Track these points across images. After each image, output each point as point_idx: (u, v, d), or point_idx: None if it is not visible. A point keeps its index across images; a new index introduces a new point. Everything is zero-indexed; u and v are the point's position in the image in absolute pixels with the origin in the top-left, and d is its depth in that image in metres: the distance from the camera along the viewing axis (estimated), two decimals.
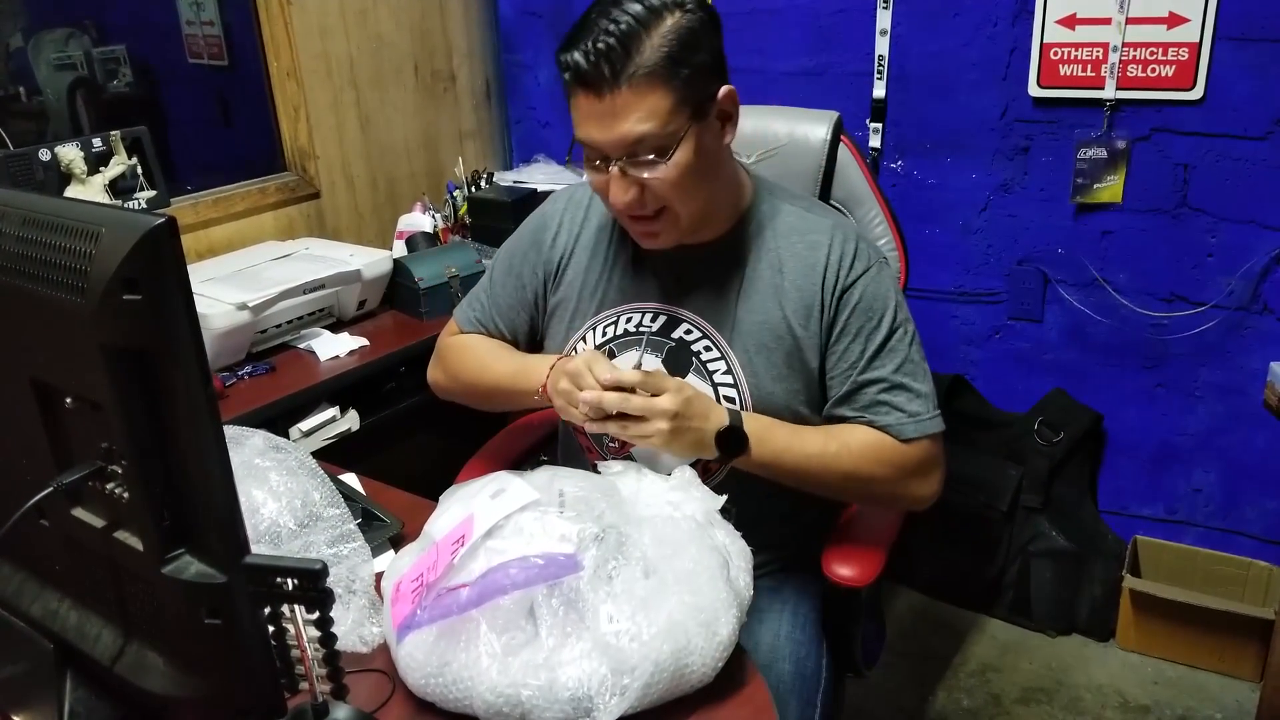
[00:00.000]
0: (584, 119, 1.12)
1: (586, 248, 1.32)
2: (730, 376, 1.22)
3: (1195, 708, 2.04)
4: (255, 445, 1.17)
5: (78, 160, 1.82)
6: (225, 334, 1.79)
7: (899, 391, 1.19)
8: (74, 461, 0.75)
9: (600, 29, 1.07)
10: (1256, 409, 2.03)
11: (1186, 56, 1.94)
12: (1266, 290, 2.03)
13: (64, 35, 2.23)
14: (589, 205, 1.33)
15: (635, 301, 1.27)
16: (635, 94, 1.07)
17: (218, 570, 0.72)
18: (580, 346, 1.29)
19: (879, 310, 1.20)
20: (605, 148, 1.11)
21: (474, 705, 0.89)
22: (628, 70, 1.07)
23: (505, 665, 0.88)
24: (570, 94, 1.12)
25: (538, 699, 0.87)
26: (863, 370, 1.19)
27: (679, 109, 1.10)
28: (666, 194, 1.13)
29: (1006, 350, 2.35)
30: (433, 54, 2.64)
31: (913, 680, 2.15)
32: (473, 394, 1.40)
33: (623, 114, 1.08)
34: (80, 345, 0.67)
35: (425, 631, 0.91)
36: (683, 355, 1.24)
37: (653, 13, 1.08)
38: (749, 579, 0.98)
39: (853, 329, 1.20)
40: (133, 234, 0.63)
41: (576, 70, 1.09)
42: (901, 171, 2.34)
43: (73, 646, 0.85)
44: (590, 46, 1.07)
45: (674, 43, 1.08)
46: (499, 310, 1.38)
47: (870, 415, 1.19)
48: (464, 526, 0.97)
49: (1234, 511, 2.20)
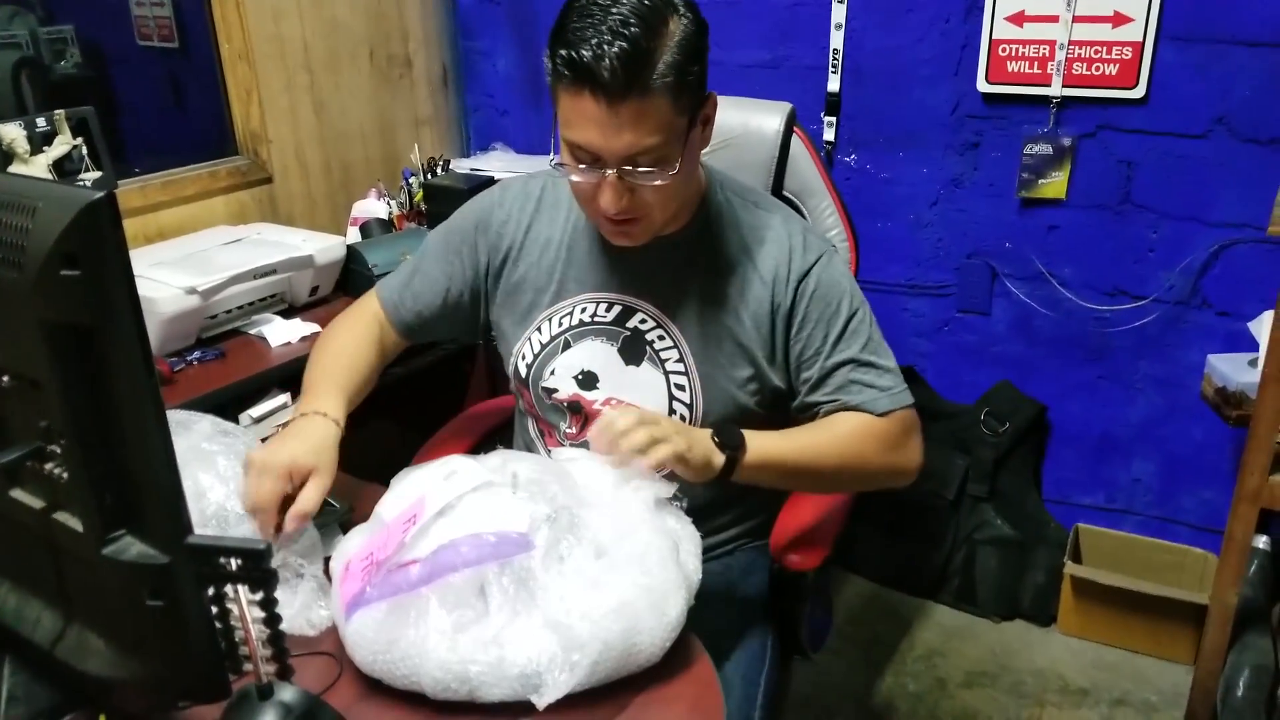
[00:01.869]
0: (584, 122, 1.06)
1: (538, 242, 1.30)
2: (682, 365, 1.23)
3: (1132, 690, 2.10)
4: (203, 430, 1.16)
5: (20, 139, 1.78)
6: (173, 318, 1.76)
7: (867, 369, 1.21)
8: (12, 441, 0.74)
9: (610, 29, 1.02)
10: (1194, 401, 2.10)
11: (1130, 55, 1.99)
12: (1205, 285, 2.08)
13: (9, 13, 2.17)
14: (539, 199, 1.32)
15: (591, 291, 1.27)
16: (646, 105, 1.04)
17: (160, 551, 0.72)
18: (534, 338, 1.28)
19: (836, 296, 1.22)
20: (606, 154, 1.07)
21: (421, 682, 0.89)
22: (643, 80, 1.02)
23: (454, 642, 0.88)
24: (565, 91, 1.06)
25: (486, 675, 0.87)
26: (829, 355, 1.20)
27: (679, 119, 1.08)
28: (655, 200, 1.12)
29: (955, 343, 2.39)
30: (388, 39, 2.62)
31: (860, 665, 2.18)
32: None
33: (633, 124, 1.04)
34: (18, 322, 0.67)
35: (374, 609, 0.92)
36: (637, 344, 1.24)
37: (659, 17, 1.04)
38: (698, 563, 1.00)
39: (813, 317, 1.21)
40: (71, 208, 0.62)
41: (585, 71, 1.02)
42: (855, 165, 2.37)
43: (12, 630, 0.84)
44: (604, 49, 1.01)
45: (680, 52, 1.05)
46: (418, 284, 1.34)
47: (844, 396, 1.20)
48: (416, 506, 0.98)
49: (1172, 501, 2.27)
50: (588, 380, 1.25)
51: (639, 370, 1.24)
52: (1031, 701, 2.07)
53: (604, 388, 1.25)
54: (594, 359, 1.25)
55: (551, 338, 1.27)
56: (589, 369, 1.25)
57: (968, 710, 2.06)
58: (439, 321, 1.35)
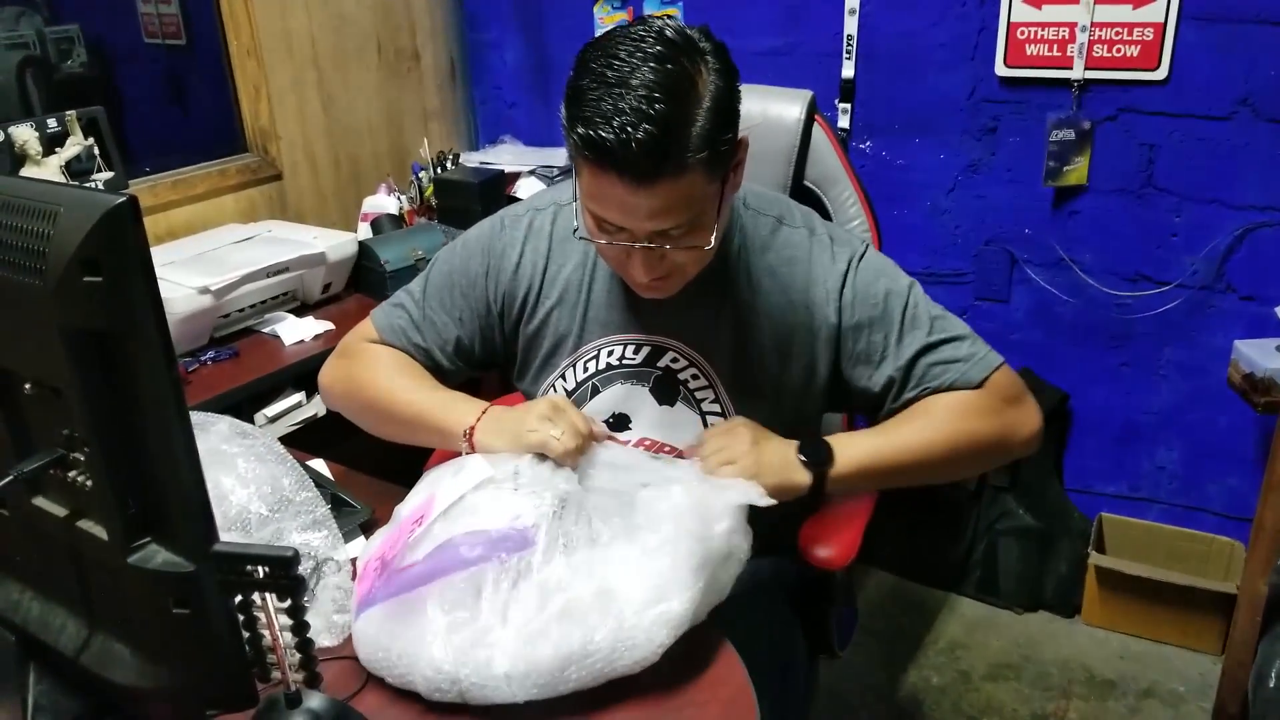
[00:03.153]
0: (607, 200, 0.99)
1: (556, 283, 1.21)
2: (718, 404, 1.18)
3: (1159, 681, 2.07)
4: (221, 431, 1.14)
5: (32, 141, 1.77)
6: (187, 318, 1.75)
7: (944, 347, 1.13)
8: (34, 449, 0.73)
9: (632, 108, 0.93)
10: (1219, 387, 2.07)
11: (1152, 36, 1.96)
12: (1230, 269, 2.06)
13: (15, 13, 2.16)
14: (551, 235, 1.22)
15: (616, 334, 1.20)
16: (678, 184, 0.97)
17: (185, 559, 0.71)
18: (559, 385, 1.22)
19: (879, 293, 1.15)
20: (635, 230, 1.01)
21: (415, 681, 0.89)
22: (672, 161, 0.95)
23: (448, 642, 0.88)
24: (588, 166, 0.98)
25: (475, 676, 0.87)
26: (898, 353, 1.13)
27: (712, 183, 1.01)
28: (688, 261, 1.06)
29: (974, 330, 2.36)
30: (396, 32, 2.60)
31: (882, 658, 2.17)
32: (374, 413, 1.23)
33: (661, 205, 0.98)
34: (39, 328, 0.65)
35: (378, 609, 0.92)
36: (669, 384, 1.18)
37: (685, 82, 0.95)
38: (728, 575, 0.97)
39: (864, 324, 1.14)
40: (92, 214, 0.60)
41: (609, 154, 0.94)
42: (870, 152, 2.34)
43: (36, 639, 0.83)
44: (628, 132, 0.92)
45: (712, 120, 0.96)
46: (430, 325, 1.24)
47: (930, 383, 1.12)
48: (425, 506, 0.98)
49: (1197, 489, 2.24)
50: (619, 423, 1.21)
51: (673, 410, 1.19)
52: (1057, 693, 2.06)
53: (637, 429, 1.20)
54: (625, 401, 1.20)
55: (578, 384, 1.21)
56: (620, 411, 1.21)
57: (992, 703, 2.04)
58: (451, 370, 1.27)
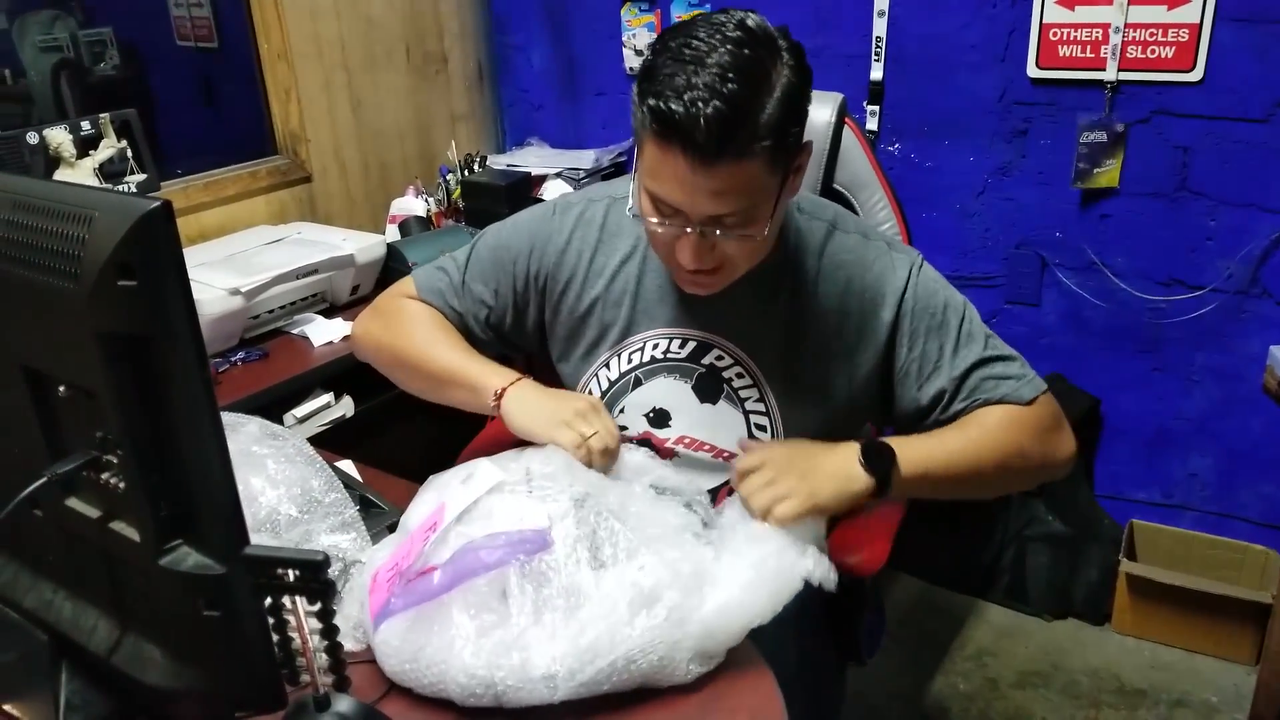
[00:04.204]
0: (667, 177, 0.99)
1: (604, 274, 1.22)
2: (763, 404, 1.17)
3: (1191, 691, 2.04)
4: (251, 432, 1.15)
5: (66, 143, 1.79)
6: (218, 320, 1.77)
7: (996, 364, 1.14)
8: (68, 451, 0.73)
9: (706, 85, 0.94)
10: (1254, 393, 2.03)
11: (1187, 37, 1.93)
12: (1265, 274, 2.02)
13: (49, 17, 2.19)
14: (602, 226, 1.23)
15: (663, 326, 1.20)
16: (740, 168, 0.97)
17: (216, 561, 0.71)
18: (603, 375, 1.23)
19: (939, 305, 1.15)
20: (690, 213, 1.01)
21: (448, 688, 0.88)
22: (738, 144, 0.95)
23: (478, 647, 0.87)
24: (653, 141, 0.99)
25: (510, 679, 0.86)
26: (953, 364, 1.14)
27: (774, 177, 1.01)
28: (738, 255, 1.06)
29: (1003, 334, 2.26)
30: (424, 36, 2.61)
31: (910, 665, 2.15)
32: (407, 367, 1.25)
33: (720, 187, 0.98)
34: (74, 332, 0.66)
35: (400, 618, 0.91)
36: (713, 382, 1.18)
37: (760, 69, 0.97)
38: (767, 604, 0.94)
39: (921, 333, 1.14)
40: (127, 218, 0.61)
41: (677, 128, 0.95)
42: (899, 154, 2.32)
43: (68, 638, 0.83)
44: (698, 107, 0.93)
45: (782, 112, 0.97)
46: (467, 292, 1.26)
47: (982, 395, 1.13)
48: (436, 514, 0.97)
49: (1230, 496, 2.21)
50: (659, 418, 1.20)
51: (715, 408, 1.18)
52: (1086, 702, 2.03)
53: (676, 425, 1.20)
54: (666, 397, 1.20)
55: (621, 375, 1.21)
56: (661, 407, 1.20)
57: (1021, 711, 2.01)
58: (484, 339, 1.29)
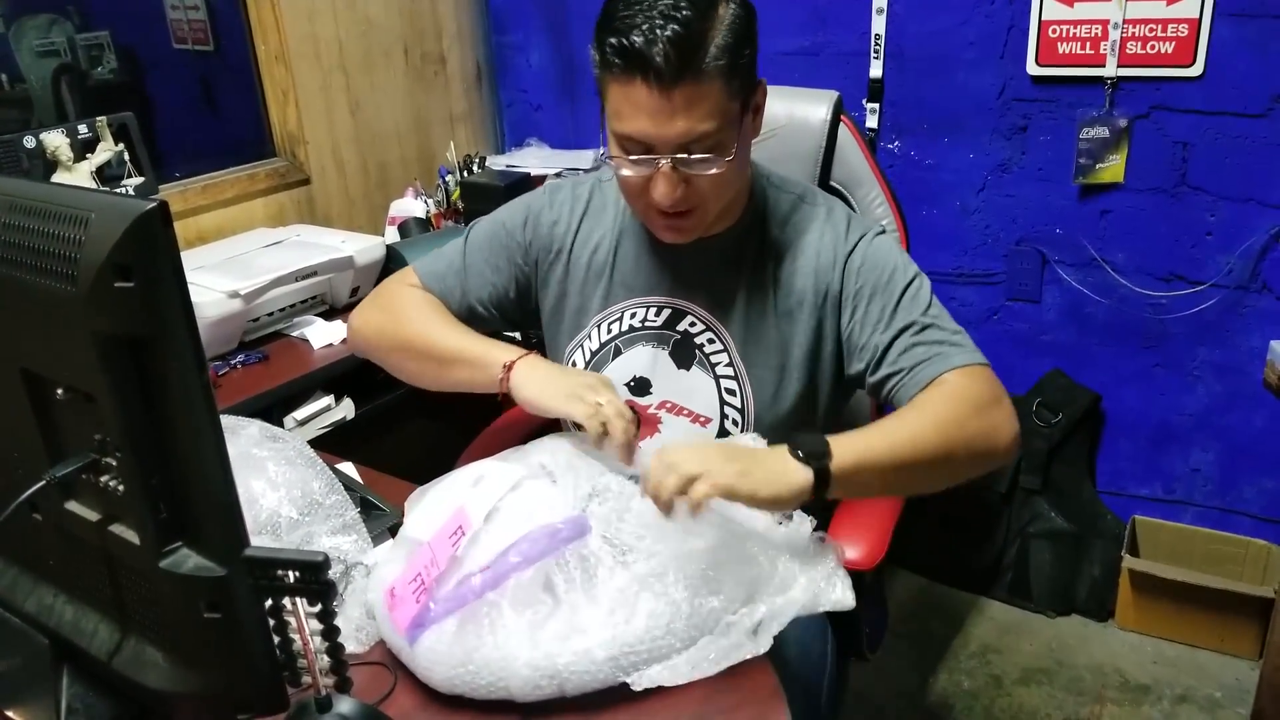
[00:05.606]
0: (635, 111, 1.03)
1: (587, 245, 1.27)
2: (731, 368, 1.20)
3: (1195, 686, 2.04)
4: (251, 435, 1.15)
5: (64, 147, 1.79)
6: (217, 322, 1.76)
7: (932, 330, 1.12)
8: (67, 454, 0.73)
9: (659, 13, 1.00)
10: (1255, 388, 2.03)
11: (1186, 33, 1.92)
12: (1265, 269, 2.02)
13: (47, 21, 2.19)
14: (588, 202, 1.29)
15: (640, 296, 1.24)
16: (700, 89, 1.01)
17: (217, 563, 0.71)
18: (585, 345, 1.26)
19: (886, 266, 1.16)
20: (659, 144, 1.04)
21: (510, 686, 0.87)
22: (696, 62, 1.00)
23: (535, 640, 0.87)
24: (616, 81, 1.04)
25: (575, 664, 0.86)
26: (889, 323, 1.13)
27: (732, 104, 1.05)
28: (709, 191, 1.09)
29: (1004, 331, 2.34)
30: (422, 36, 2.61)
31: (913, 662, 2.15)
32: (411, 351, 1.25)
33: (686, 110, 1.02)
34: (71, 334, 0.66)
35: (443, 626, 0.90)
36: (688, 348, 1.22)
37: (709, 3, 1.03)
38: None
39: (865, 293, 1.15)
40: (124, 219, 0.61)
41: (637, 57, 1.00)
42: (898, 152, 2.32)
43: (69, 642, 0.83)
44: (655, 33, 0.99)
45: (731, 35, 1.03)
46: (471, 272, 1.29)
47: (908, 361, 1.10)
48: (457, 518, 0.96)
49: (1232, 491, 2.20)
50: (640, 386, 1.23)
51: (690, 374, 1.21)
52: (1090, 699, 2.03)
53: (657, 392, 1.23)
54: (645, 364, 1.23)
55: (601, 344, 1.25)
56: (641, 375, 1.23)
57: (1025, 708, 2.01)
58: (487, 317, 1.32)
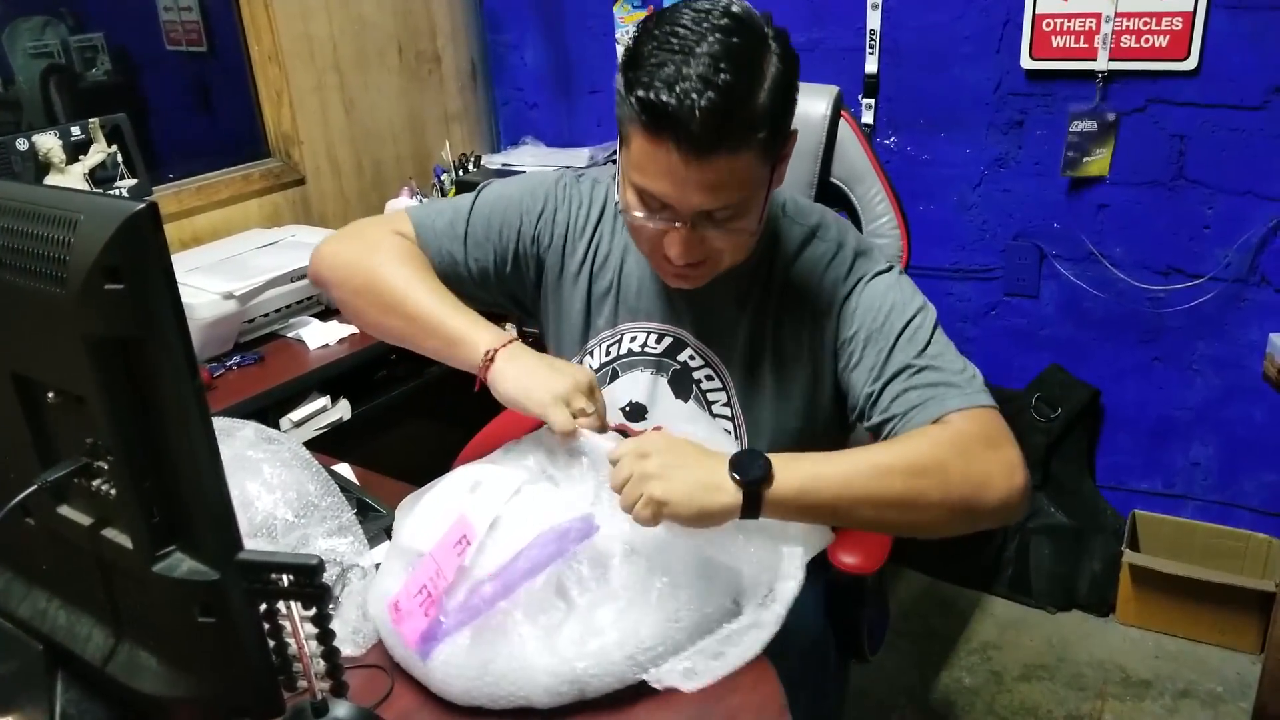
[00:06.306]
0: (657, 171, 0.96)
1: (597, 258, 1.22)
2: (729, 409, 1.16)
3: (1196, 681, 2.04)
4: (246, 437, 1.14)
5: (56, 149, 1.78)
6: (212, 324, 1.76)
7: (928, 372, 1.02)
8: (58, 457, 0.73)
9: (699, 75, 0.91)
10: (1254, 381, 2.03)
11: (1181, 26, 1.92)
12: (1264, 262, 2.01)
13: (40, 23, 2.18)
14: (603, 209, 1.23)
15: (642, 320, 1.19)
16: (734, 161, 0.95)
17: (210, 567, 0.70)
18: (587, 362, 1.22)
19: (882, 308, 1.09)
20: (680, 206, 0.98)
21: (531, 694, 0.87)
22: (734, 136, 0.93)
23: (552, 646, 0.87)
24: (641, 135, 0.95)
25: (594, 667, 0.86)
26: (882, 369, 1.05)
27: (765, 168, 0.99)
28: (726, 249, 1.04)
29: (1003, 327, 2.34)
30: (416, 35, 2.60)
31: (914, 659, 2.14)
32: (380, 299, 1.13)
33: (714, 180, 0.95)
34: (61, 337, 0.65)
35: (456, 639, 0.89)
36: (686, 380, 1.17)
37: (752, 56, 0.94)
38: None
39: (861, 336, 1.09)
40: (112, 221, 0.60)
41: (669, 120, 0.92)
42: (895, 148, 2.31)
43: (63, 648, 0.82)
44: (692, 99, 0.90)
45: (774, 101, 0.95)
46: (466, 237, 1.20)
47: (902, 405, 1.02)
48: (460, 527, 0.94)
49: (1232, 484, 2.20)
50: (635, 412, 1.20)
51: (687, 406, 1.18)
52: (1092, 694, 2.02)
53: (652, 419, 1.19)
54: (643, 390, 1.19)
55: (600, 365, 1.21)
56: (637, 400, 1.19)
57: (1026, 704, 2.01)
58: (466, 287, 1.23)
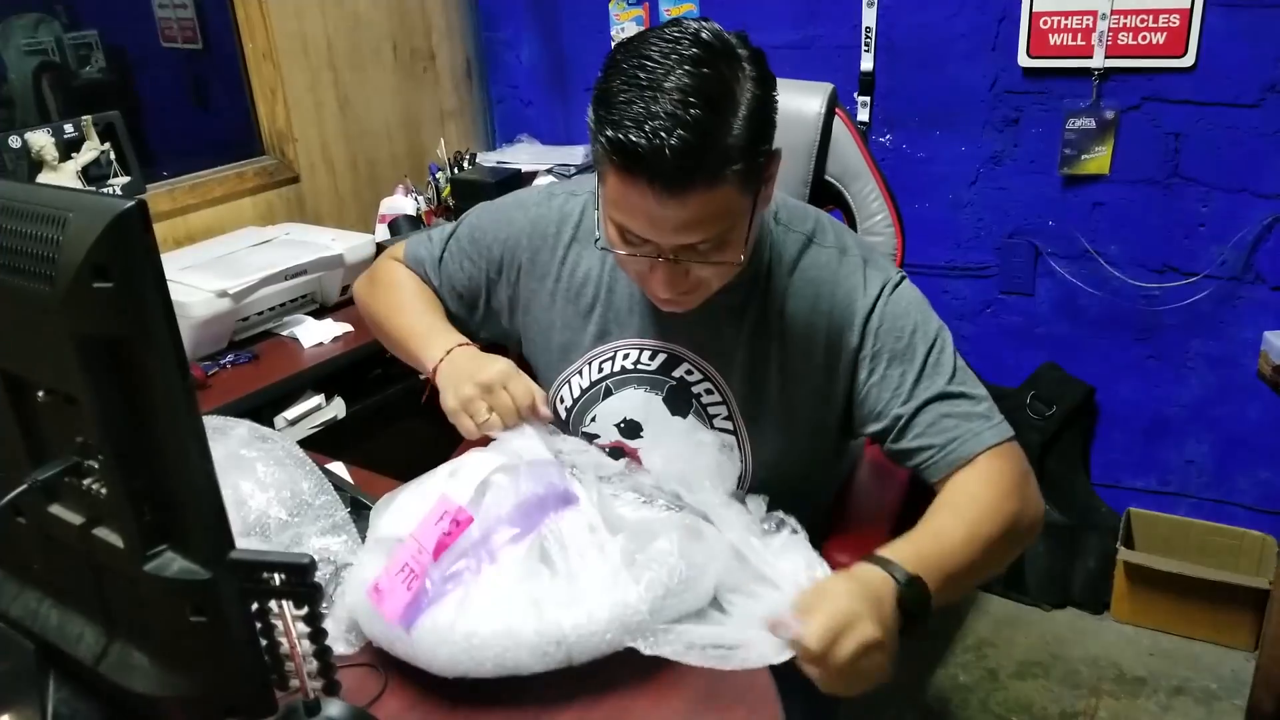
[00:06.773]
0: (634, 209, 0.95)
1: (576, 275, 1.20)
2: (731, 423, 1.15)
3: (1191, 678, 2.04)
4: (240, 436, 1.14)
5: (48, 146, 1.77)
6: (206, 322, 1.75)
7: (960, 400, 1.05)
8: (49, 457, 0.72)
9: (666, 113, 0.89)
10: (1249, 379, 2.03)
11: (1178, 23, 1.92)
12: (1259, 260, 2.02)
13: (34, 21, 2.17)
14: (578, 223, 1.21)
15: (634, 337, 1.17)
16: (711, 195, 0.92)
17: (202, 567, 0.70)
18: (575, 381, 1.21)
19: (907, 329, 1.09)
20: (661, 242, 0.97)
21: (519, 661, 0.86)
22: (707, 171, 0.90)
23: (540, 612, 0.87)
24: (613, 173, 0.94)
25: (581, 629, 0.86)
26: (912, 393, 1.06)
27: (745, 196, 0.97)
28: (714, 278, 1.03)
29: (998, 324, 2.34)
30: (411, 32, 2.59)
31: (909, 657, 2.13)
32: (378, 326, 1.33)
33: (691, 217, 0.93)
34: (51, 336, 0.64)
35: (442, 606, 0.89)
36: (683, 396, 1.16)
37: (722, 87, 0.91)
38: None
39: (885, 356, 1.08)
40: (101, 218, 0.59)
41: (641, 161, 0.90)
42: (890, 145, 2.31)
43: (55, 647, 0.82)
44: (661, 138, 0.88)
45: (749, 129, 0.92)
46: (444, 269, 1.28)
47: (939, 435, 1.04)
48: (441, 506, 0.94)
49: (1227, 482, 2.20)
50: (630, 429, 1.18)
51: (684, 422, 1.16)
52: (1087, 691, 2.03)
53: (648, 436, 1.18)
54: (637, 408, 1.18)
55: (592, 383, 1.20)
56: (631, 418, 1.18)
57: (1021, 701, 2.01)
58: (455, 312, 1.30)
